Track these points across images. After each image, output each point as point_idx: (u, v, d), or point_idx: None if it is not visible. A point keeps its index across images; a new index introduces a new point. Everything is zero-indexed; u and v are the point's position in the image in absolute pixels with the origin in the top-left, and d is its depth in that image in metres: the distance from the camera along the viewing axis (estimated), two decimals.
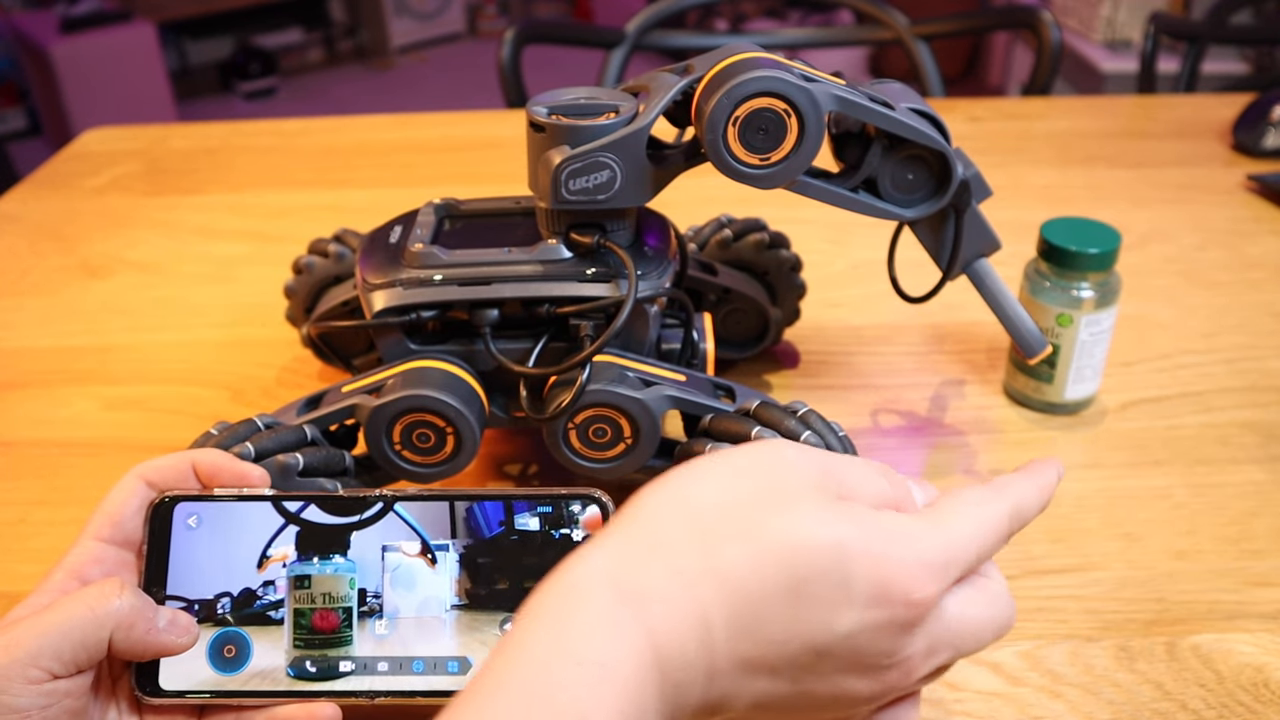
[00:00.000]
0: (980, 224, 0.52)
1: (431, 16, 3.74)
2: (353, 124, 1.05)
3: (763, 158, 0.45)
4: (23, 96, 3.01)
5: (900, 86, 0.51)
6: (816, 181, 0.48)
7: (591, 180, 0.46)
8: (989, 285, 0.53)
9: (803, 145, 0.45)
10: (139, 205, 0.89)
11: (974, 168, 0.50)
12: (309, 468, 0.45)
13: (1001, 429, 0.59)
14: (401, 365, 0.48)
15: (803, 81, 0.44)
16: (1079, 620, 0.46)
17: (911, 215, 0.49)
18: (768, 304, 0.60)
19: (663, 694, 0.27)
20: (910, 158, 0.48)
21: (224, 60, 3.45)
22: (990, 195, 0.51)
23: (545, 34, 1.23)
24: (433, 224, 0.51)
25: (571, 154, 0.45)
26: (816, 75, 0.47)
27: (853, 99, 0.46)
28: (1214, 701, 0.42)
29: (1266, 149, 0.92)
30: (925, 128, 0.47)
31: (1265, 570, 0.48)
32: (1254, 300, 0.71)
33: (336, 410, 0.47)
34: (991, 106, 1.06)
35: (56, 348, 0.68)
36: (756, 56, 0.45)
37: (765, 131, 0.45)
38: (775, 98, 0.44)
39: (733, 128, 0.44)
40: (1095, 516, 0.52)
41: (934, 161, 0.48)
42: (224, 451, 0.41)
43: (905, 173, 0.49)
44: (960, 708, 0.42)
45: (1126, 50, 2.44)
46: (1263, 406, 0.60)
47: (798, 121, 0.44)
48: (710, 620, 0.28)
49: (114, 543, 0.38)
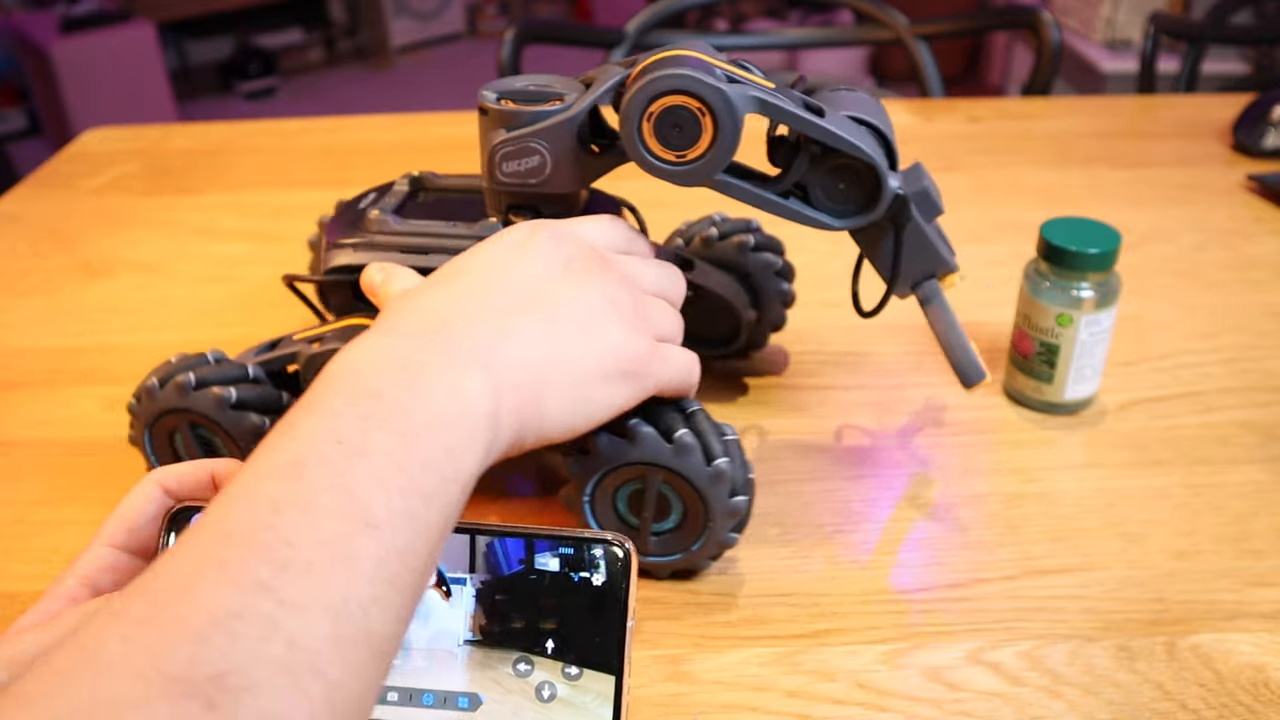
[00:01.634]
0: (925, 243, 0.49)
1: (431, 16, 3.74)
2: (353, 124, 1.05)
3: (679, 155, 0.45)
4: (23, 96, 3.01)
5: (862, 95, 0.49)
6: (739, 182, 0.47)
7: (523, 164, 0.47)
8: (933, 308, 0.50)
9: (718, 145, 0.45)
10: (139, 205, 0.89)
11: (926, 182, 0.48)
12: (242, 401, 0.49)
13: (1001, 429, 0.59)
14: (344, 321, 0.52)
15: (721, 82, 0.44)
16: (1079, 620, 0.46)
17: (839, 226, 0.48)
18: (742, 306, 0.59)
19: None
20: (842, 167, 0.46)
21: (224, 60, 3.45)
22: (941, 213, 0.49)
23: (545, 34, 1.23)
24: (403, 195, 0.56)
25: (505, 138, 0.47)
26: (742, 77, 0.46)
27: (774, 103, 0.44)
28: (1214, 701, 0.42)
29: (1266, 149, 0.92)
30: (857, 138, 0.45)
31: (1265, 570, 0.48)
32: (1254, 300, 0.71)
33: (280, 355, 0.52)
34: (991, 106, 1.06)
35: (56, 348, 0.68)
36: (684, 55, 0.45)
37: (680, 129, 0.44)
38: (689, 96, 0.44)
39: (647, 123, 0.45)
40: (1095, 516, 0.52)
41: (865, 173, 0.46)
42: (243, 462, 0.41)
43: (837, 182, 0.47)
44: (960, 708, 0.42)
45: (1126, 50, 2.44)
46: (1263, 406, 0.60)
47: (712, 121, 0.44)
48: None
49: (128, 550, 0.37)
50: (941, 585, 0.48)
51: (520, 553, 0.38)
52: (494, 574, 0.38)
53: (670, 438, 0.44)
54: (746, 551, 0.50)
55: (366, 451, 0.31)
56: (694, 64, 0.44)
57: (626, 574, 0.37)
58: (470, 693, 0.37)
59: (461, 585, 0.38)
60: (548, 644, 0.37)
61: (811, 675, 0.43)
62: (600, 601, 0.37)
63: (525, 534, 0.38)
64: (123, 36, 2.81)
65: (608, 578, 0.37)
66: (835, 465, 0.56)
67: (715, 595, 0.47)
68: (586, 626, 0.37)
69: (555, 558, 0.38)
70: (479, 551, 0.38)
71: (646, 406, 0.45)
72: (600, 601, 0.37)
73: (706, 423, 0.46)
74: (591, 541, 0.38)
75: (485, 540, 0.38)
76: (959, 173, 0.89)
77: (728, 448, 0.45)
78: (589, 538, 0.38)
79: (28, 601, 0.48)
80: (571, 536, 0.38)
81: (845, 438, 0.58)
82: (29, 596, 0.48)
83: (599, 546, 0.38)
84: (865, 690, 0.43)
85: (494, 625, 0.37)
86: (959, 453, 0.57)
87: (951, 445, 0.57)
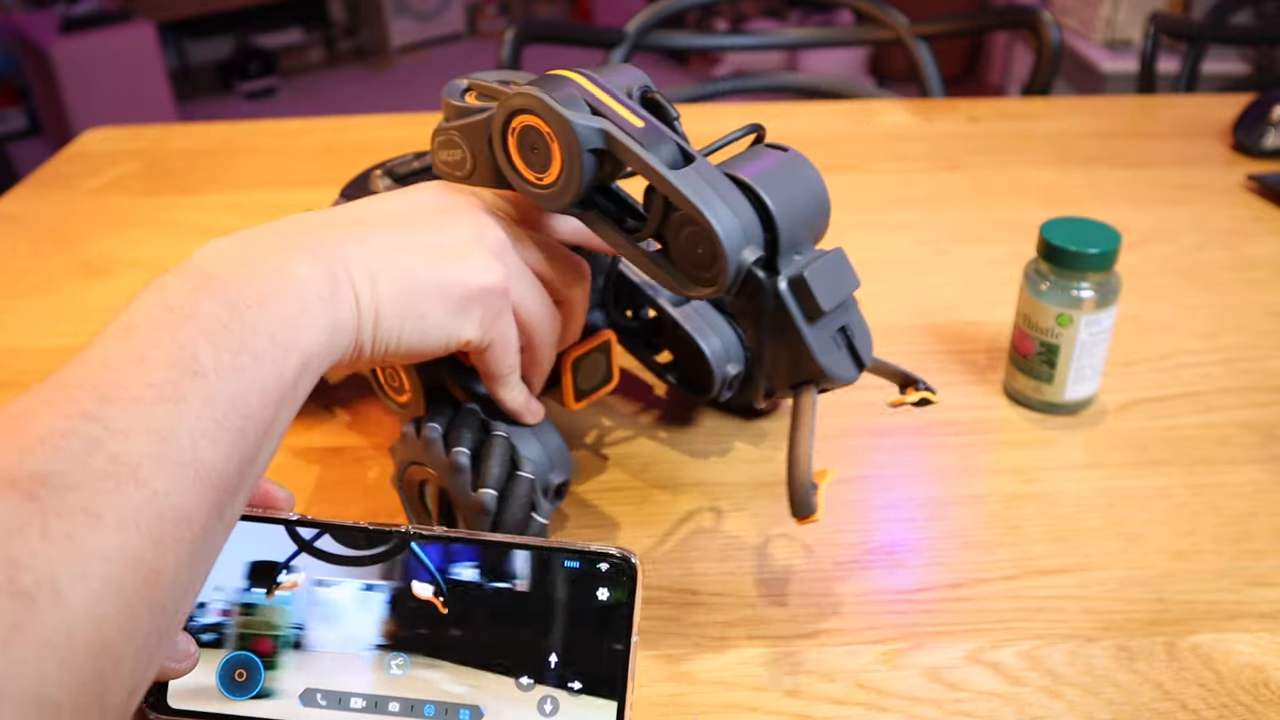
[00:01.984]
0: (798, 342, 0.40)
1: (431, 16, 3.74)
2: (353, 124, 1.05)
3: (538, 176, 0.43)
4: (23, 96, 3.01)
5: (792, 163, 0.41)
6: (601, 220, 0.43)
7: (451, 156, 0.47)
8: (795, 419, 0.41)
9: (566, 173, 0.42)
10: (139, 205, 0.89)
11: (810, 270, 0.39)
12: None
13: (1001, 429, 0.59)
14: None
15: (573, 110, 0.41)
16: (1079, 620, 0.46)
17: (691, 294, 0.41)
18: (721, 359, 0.54)
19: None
20: (697, 230, 0.39)
21: (224, 60, 3.45)
22: (824, 313, 0.40)
23: (545, 34, 1.23)
24: (410, 168, 0.58)
25: (440, 127, 0.47)
26: (613, 109, 0.41)
27: (620, 139, 0.40)
28: (1214, 701, 0.42)
29: (1266, 149, 0.92)
30: (707, 197, 0.38)
31: (1265, 570, 0.48)
32: (1254, 300, 0.71)
33: None
34: (991, 106, 1.06)
35: (56, 348, 0.68)
36: (566, 76, 0.43)
37: (535, 150, 0.43)
38: (538, 118, 0.42)
39: (512, 138, 0.43)
40: (1095, 516, 0.52)
41: (706, 238, 0.39)
42: (270, 480, 0.40)
43: (695, 245, 0.40)
44: (960, 708, 0.42)
45: (1126, 50, 2.44)
46: (1263, 406, 0.60)
47: (559, 148, 0.41)
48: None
49: None
50: (941, 585, 0.48)
51: (528, 564, 0.38)
52: (505, 583, 0.38)
53: (449, 450, 0.44)
54: (746, 551, 0.50)
55: (196, 316, 0.32)
56: (563, 84, 0.42)
57: (632, 588, 0.37)
58: (472, 705, 0.37)
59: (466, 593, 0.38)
60: (550, 659, 0.37)
61: (811, 675, 0.43)
62: (605, 615, 0.37)
63: (530, 546, 0.38)
64: (123, 36, 2.81)
65: (611, 591, 0.37)
66: (835, 465, 0.56)
67: (715, 595, 0.47)
68: (590, 640, 0.37)
69: (562, 570, 0.38)
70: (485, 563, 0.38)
71: (465, 417, 0.45)
72: (605, 615, 0.37)
73: (500, 450, 0.44)
74: (598, 556, 0.37)
75: (491, 551, 0.38)
76: (959, 173, 0.89)
77: (509, 484, 0.44)
78: (596, 551, 0.38)
79: None
80: (577, 550, 0.38)
81: (845, 438, 0.58)
82: None
83: (605, 561, 0.37)
84: (865, 690, 0.43)
85: (496, 637, 0.37)
86: (959, 453, 0.57)
87: (951, 445, 0.57)
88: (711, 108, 1.19)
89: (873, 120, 1.03)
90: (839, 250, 0.41)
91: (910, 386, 0.45)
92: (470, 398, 0.48)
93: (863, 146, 0.96)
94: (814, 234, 0.41)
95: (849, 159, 0.94)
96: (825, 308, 0.39)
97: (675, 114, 0.43)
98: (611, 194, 0.45)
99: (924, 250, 0.78)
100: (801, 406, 0.41)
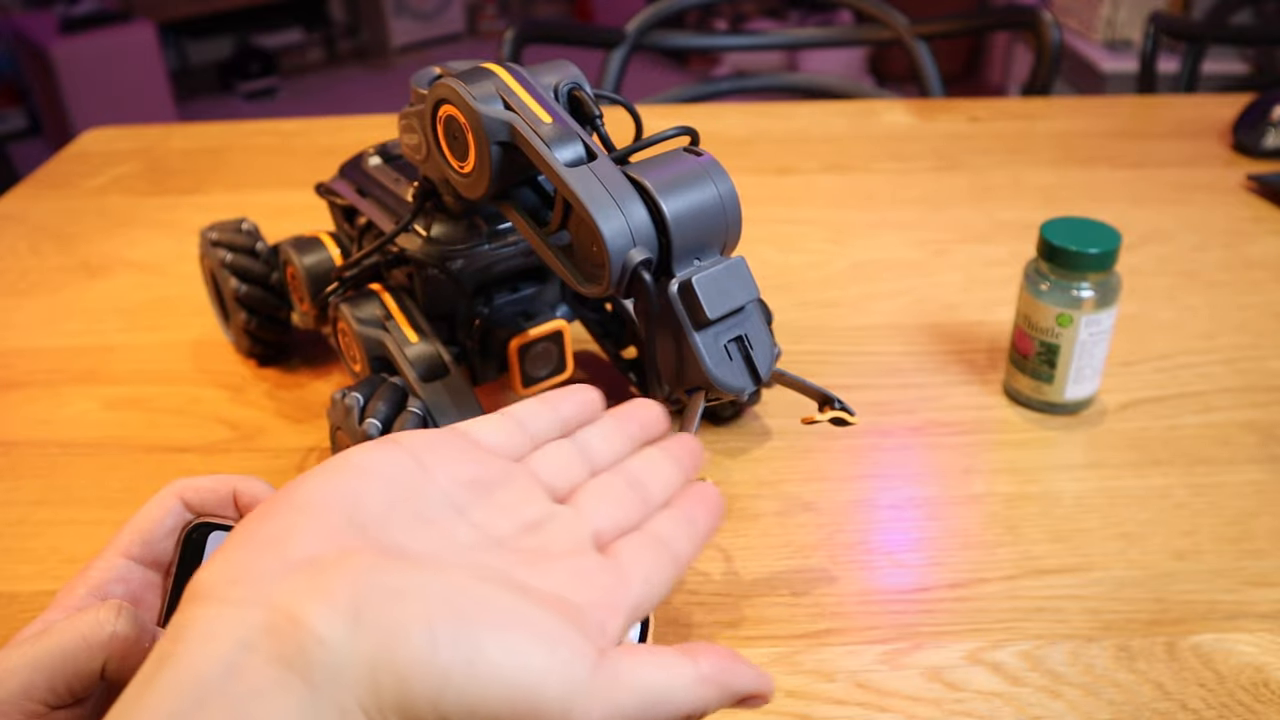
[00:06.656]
0: (684, 347, 0.40)
1: (431, 16, 3.74)
2: (353, 124, 1.05)
3: (460, 164, 0.44)
4: (23, 96, 3.01)
5: (701, 167, 0.41)
6: (515, 211, 0.44)
7: (411, 139, 0.48)
8: (683, 425, 0.41)
9: (479, 164, 0.43)
10: (139, 205, 0.89)
11: (701, 276, 0.39)
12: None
13: (1001, 429, 0.59)
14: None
15: (486, 104, 0.42)
16: (1079, 620, 0.46)
17: (585, 290, 0.41)
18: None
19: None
20: (589, 228, 0.39)
21: (224, 60, 3.45)
22: (711, 322, 0.39)
23: (545, 34, 1.23)
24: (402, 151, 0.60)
25: (403, 110, 0.48)
26: (525, 105, 0.42)
27: (524, 134, 0.41)
28: (1214, 701, 0.42)
29: (1266, 149, 0.92)
30: (596, 194, 0.39)
31: (1265, 570, 0.48)
32: (1254, 300, 0.71)
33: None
34: (991, 106, 1.06)
35: (56, 348, 0.68)
36: (491, 70, 0.44)
37: (456, 140, 0.44)
38: (457, 110, 0.43)
39: (440, 126, 0.44)
40: (1095, 516, 0.52)
41: (591, 235, 0.39)
42: (268, 484, 0.39)
43: (590, 242, 0.40)
44: (960, 708, 0.42)
45: (1126, 50, 2.44)
46: (1263, 406, 0.60)
47: (472, 138, 0.42)
48: None
49: (142, 562, 0.36)
50: (941, 585, 0.48)
51: None
52: None
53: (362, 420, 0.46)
54: (746, 551, 0.50)
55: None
56: (483, 79, 0.43)
57: None
58: None
59: None
60: None
61: (811, 675, 0.43)
62: None
63: None
64: (123, 36, 2.81)
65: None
66: (835, 465, 0.56)
67: (715, 595, 0.47)
68: None
69: None
70: None
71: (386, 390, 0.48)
72: None
73: (410, 425, 0.45)
74: None
75: None
76: (959, 173, 0.89)
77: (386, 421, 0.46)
78: None
79: (28, 601, 0.48)
80: None
81: (846, 437, 0.58)
82: (29, 596, 0.48)
83: None
84: (865, 690, 0.43)
85: None
86: (959, 453, 0.57)
87: (951, 445, 0.57)
88: (711, 108, 1.19)
89: (873, 120, 1.03)
90: (739, 259, 0.41)
91: (827, 405, 0.44)
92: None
93: (863, 146, 0.96)
94: (719, 241, 0.41)
95: (849, 159, 0.94)
96: (711, 315, 0.39)
97: (598, 113, 0.44)
98: (537, 187, 0.46)
99: (924, 250, 0.78)
100: (688, 414, 0.41)
